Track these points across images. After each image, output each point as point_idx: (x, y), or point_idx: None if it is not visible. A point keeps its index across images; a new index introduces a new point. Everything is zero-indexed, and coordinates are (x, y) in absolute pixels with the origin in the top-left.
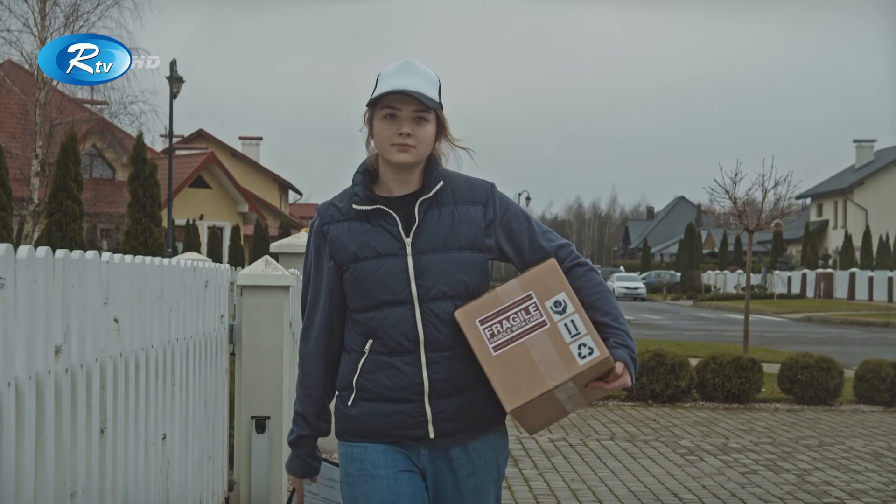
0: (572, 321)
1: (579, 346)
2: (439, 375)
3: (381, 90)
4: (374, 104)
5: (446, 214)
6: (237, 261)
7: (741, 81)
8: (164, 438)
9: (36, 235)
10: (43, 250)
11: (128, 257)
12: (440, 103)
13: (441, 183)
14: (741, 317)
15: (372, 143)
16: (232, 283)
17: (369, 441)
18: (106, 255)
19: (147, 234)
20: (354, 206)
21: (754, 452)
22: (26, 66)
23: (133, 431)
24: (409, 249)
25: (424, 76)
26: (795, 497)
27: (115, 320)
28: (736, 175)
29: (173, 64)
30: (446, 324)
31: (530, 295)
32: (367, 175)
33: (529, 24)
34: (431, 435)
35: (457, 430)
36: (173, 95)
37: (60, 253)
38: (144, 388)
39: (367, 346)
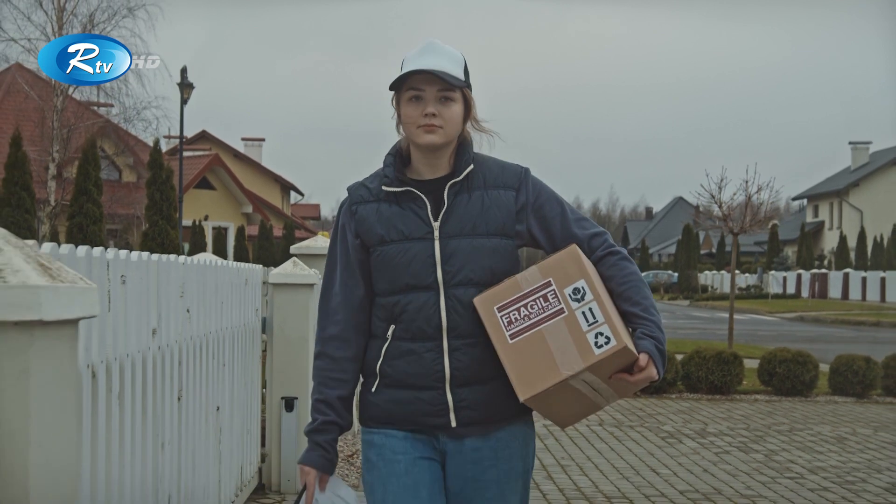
0: (590, 309)
1: (596, 335)
2: (461, 363)
3: (403, 71)
4: (399, 87)
5: (476, 199)
6: (243, 261)
7: (741, 82)
8: (217, 410)
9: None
10: (145, 255)
11: (193, 260)
12: (466, 82)
13: (471, 166)
14: (737, 315)
15: (402, 127)
16: (264, 282)
17: (391, 427)
18: (181, 257)
19: (164, 235)
20: (384, 188)
21: (729, 436)
22: (44, 75)
23: (198, 401)
24: (436, 233)
25: (448, 55)
26: (761, 472)
27: (188, 311)
28: (721, 180)
29: (184, 71)
30: (470, 310)
31: (549, 282)
32: (399, 157)
33: (530, 25)
34: (453, 423)
35: (479, 419)
36: (184, 101)
37: (154, 257)
38: (205, 366)
39: (390, 332)
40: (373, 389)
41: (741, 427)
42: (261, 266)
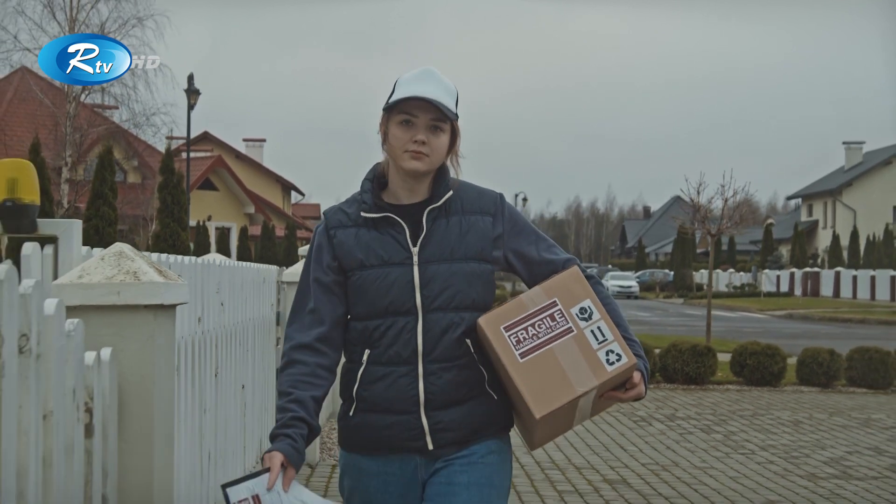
0: (598, 328)
1: (607, 353)
2: (435, 387)
3: (399, 95)
4: (391, 109)
5: (454, 224)
6: (245, 260)
7: (742, 82)
8: (243, 388)
9: None
10: (193, 259)
11: (227, 263)
12: (456, 114)
13: (450, 192)
14: (726, 313)
15: (386, 147)
16: (278, 281)
17: (370, 453)
18: (217, 260)
19: (174, 236)
20: (362, 214)
21: (695, 420)
22: (57, 83)
23: (229, 379)
24: (415, 259)
25: (444, 86)
26: (717, 449)
27: (222, 304)
28: (699, 185)
29: (191, 78)
30: (447, 335)
31: (555, 301)
32: (377, 181)
33: (529, 26)
34: (430, 446)
35: (456, 439)
36: (191, 107)
37: (199, 261)
38: (234, 350)
39: (365, 357)
40: (351, 413)
41: (708, 412)
42: (275, 266)
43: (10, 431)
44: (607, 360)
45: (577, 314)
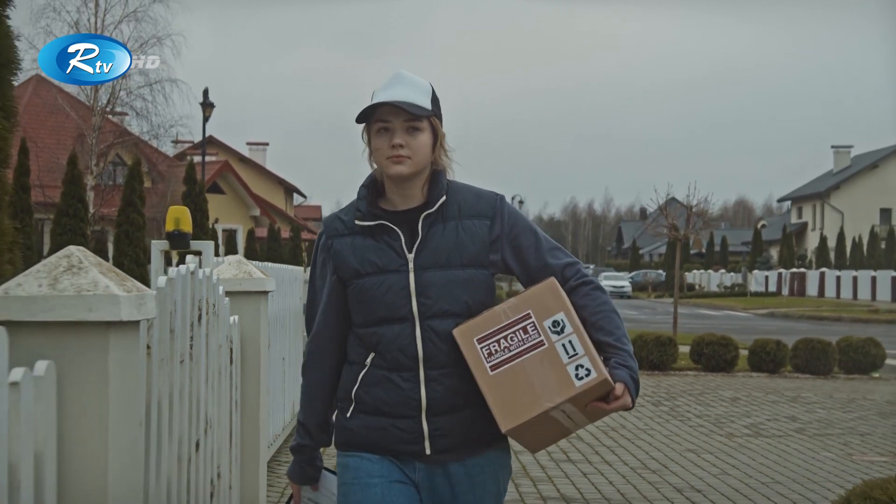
0: (570, 342)
1: (576, 367)
2: (437, 393)
3: (369, 104)
4: (369, 120)
5: (451, 229)
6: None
7: (741, 82)
8: (283, 359)
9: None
10: (272, 265)
11: (276, 265)
12: (432, 111)
13: (444, 197)
14: (714, 312)
15: (372, 160)
16: (305, 281)
17: (366, 455)
18: (268, 263)
19: (196, 240)
20: (357, 222)
21: (648, 397)
22: (82, 98)
23: (276, 351)
24: (410, 265)
25: (414, 85)
26: (662, 417)
27: (273, 296)
28: (667, 195)
29: (206, 92)
30: (446, 341)
31: (529, 314)
32: (374, 188)
33: (529, 25)
34: (428, 451)
35: (454, 446)
36: (205, 119)
37: (256, 263)
38: (278, 330)
39: (369, 360)
40: (348, 415)
41: (663, 392)
42: (302, 267)
43: (210, 351)
44: (576, 375)
45: (549, 327)
